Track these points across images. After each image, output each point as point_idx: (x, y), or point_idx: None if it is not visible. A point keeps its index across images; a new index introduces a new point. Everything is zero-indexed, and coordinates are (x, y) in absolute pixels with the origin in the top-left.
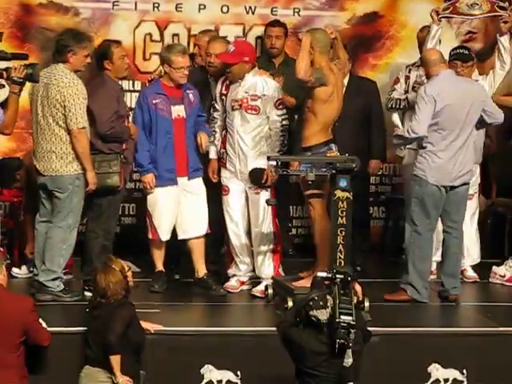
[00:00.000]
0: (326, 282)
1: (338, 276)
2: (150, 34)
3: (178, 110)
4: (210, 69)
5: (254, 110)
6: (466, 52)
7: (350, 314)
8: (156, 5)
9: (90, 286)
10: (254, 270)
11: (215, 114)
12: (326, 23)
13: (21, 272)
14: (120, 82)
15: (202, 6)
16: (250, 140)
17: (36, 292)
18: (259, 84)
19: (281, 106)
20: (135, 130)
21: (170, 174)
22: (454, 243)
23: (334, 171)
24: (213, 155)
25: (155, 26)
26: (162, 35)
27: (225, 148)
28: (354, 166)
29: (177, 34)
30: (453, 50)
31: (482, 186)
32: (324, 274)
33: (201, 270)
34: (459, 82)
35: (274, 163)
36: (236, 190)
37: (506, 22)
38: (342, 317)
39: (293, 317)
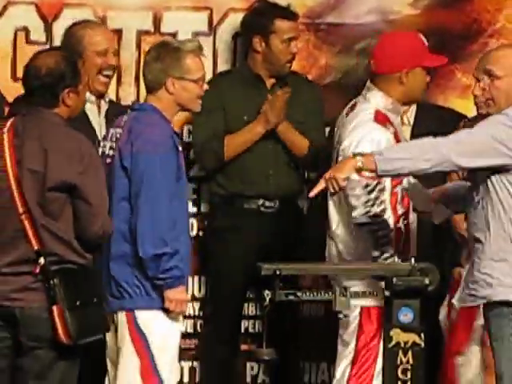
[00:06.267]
0: None
1: None
2: (26, 29)
3: None
4: None
5: None
6: None
7: None
8: None
9: None
10: None
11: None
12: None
13: None
14: None
15: None
16: None
17: None
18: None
19: None
20: None
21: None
22: None
23: (387, 293)
24: None
25: (36, 13)
26: (49, 30)
27: None
28: (427, 283)
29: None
30: None
31: None
32: None
33: None
34: None
35: None
36: None
37: None
38: None
39: None
